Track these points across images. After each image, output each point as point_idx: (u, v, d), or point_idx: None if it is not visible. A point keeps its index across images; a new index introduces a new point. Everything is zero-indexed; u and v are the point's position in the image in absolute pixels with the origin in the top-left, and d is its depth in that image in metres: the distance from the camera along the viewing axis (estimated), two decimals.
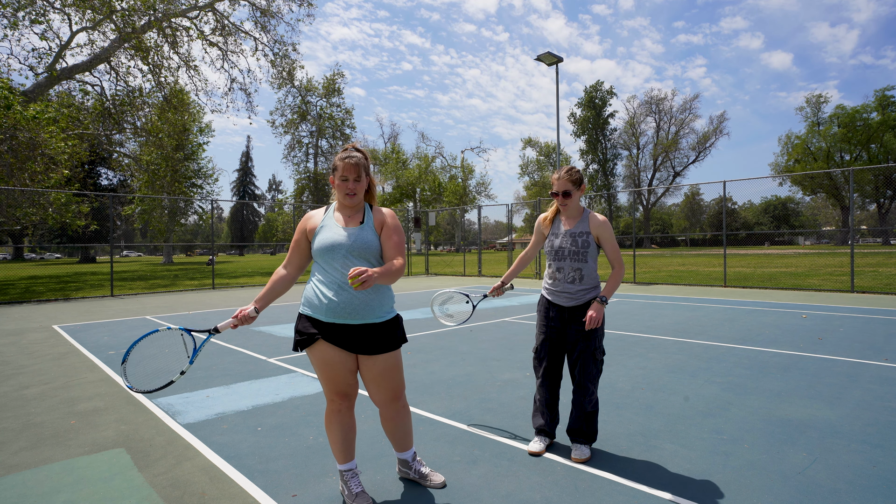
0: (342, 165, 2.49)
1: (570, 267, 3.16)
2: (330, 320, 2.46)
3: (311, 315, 2.51)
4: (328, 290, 2.45)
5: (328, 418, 2.61)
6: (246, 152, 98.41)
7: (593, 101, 70.89)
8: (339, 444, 2.60)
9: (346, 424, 2.60)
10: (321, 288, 2.48)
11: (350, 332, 2.47)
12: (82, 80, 21.93)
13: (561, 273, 3.19)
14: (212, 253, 20.24)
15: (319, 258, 2.51)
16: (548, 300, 3.28)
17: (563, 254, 3.18)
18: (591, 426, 3.18)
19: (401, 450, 2.81)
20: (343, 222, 2.54)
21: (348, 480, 2.60)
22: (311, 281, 2.57)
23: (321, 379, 2.55)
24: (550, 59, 18.48)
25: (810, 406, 4.03)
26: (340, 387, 2.54)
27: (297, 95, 49.60)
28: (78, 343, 7.21)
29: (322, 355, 2.49)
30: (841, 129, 54.97)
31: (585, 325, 3.03)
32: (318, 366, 2.52)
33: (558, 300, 3.21)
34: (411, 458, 2.82)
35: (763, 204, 76.27)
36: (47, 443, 3.51)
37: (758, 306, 10.26)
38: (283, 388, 4.76)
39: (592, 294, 3.17)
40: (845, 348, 6.10)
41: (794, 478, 2.81)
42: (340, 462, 2.64)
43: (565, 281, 3.17)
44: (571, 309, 3.17)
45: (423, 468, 2.83)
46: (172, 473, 2.99)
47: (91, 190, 39.85)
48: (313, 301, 2.49)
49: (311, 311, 2.51)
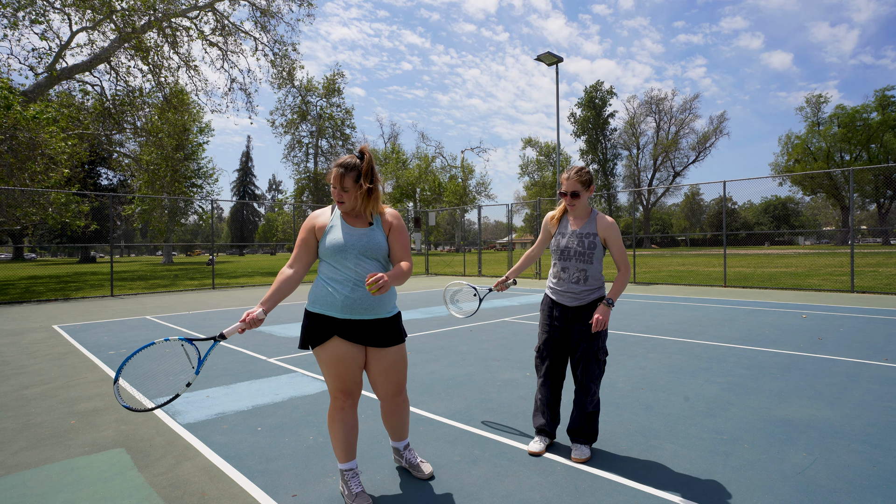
0: (329, 173, 2.53)
1: (575, 267, 3.16)
2: (345, 316, 2.50)
3: (322, 312, 2.52)
4: (342, 287, 2.49)
5: (332, 417, 2.61)
6: (246, 152, 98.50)
7: (593, 101, 70.91)
8: (341, 443, 2.61)
9: (349, 423, 2.62)
10: (334, 285, 2.50)
11: (363, 327, 2.54)
12: (82, 80, 21.94)
13: (566, 273, 3.19)
14: (212, 253, 20.24)
15: (330, 257, 2.53)
16: (552, 299, 3.27)
17: (568, 254, 3.18)
18: (591, 426, 3.18)
19: (397, 439, 2.95)
20: (351, 222, 2.58)
21: (349, 480, 2.61)
22: (320, 279, 2.57)
23: (330, 376, 2.55)
24: (550, 60, 18.49)
25: (810, 406, 4.03)
26: (347, 384, 2.57)
27: (297, 95, 49.63)
28: (78, 343, 7.21)
29: (334, 351, 2.51)
30: (841, 129, 54.96)
31: (592, 326, 3.04)
32: (329, 362, 2.53)
33: (562, 300, 3.20)
34: (404, 447, 2.96)
35: (763, 204, 76.25)
36: (47, 443, 3.51)
37: (758, 306, 10.26)
38: (283, 387, 4.76)
39: (597, 295, 3.16)
40: (845, 348, 6.10)
41: (794, 478, 2.81)
42: (342, 461, 2.64)
43: (570, 281, 3.17)
44: (575, 309, 3.16)
45: (413, 458, 2.94)
46: (172, 473, 2.99)
47: (91, 190, 39.85)
48: (326, 298, 2.51)
49: (324, 308, 2.52)
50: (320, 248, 2.57)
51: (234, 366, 5.68)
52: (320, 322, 2.52)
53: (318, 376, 5.12)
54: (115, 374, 2.55)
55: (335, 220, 2.58)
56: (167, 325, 8.76)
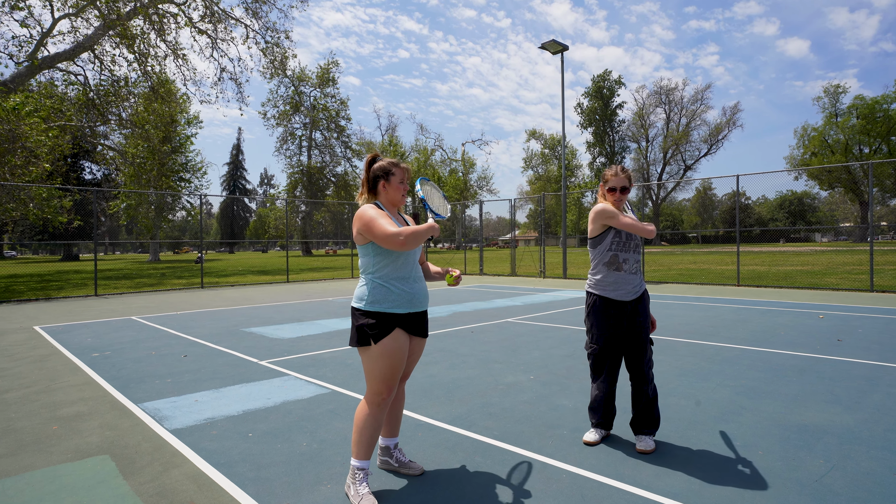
0: (401, 171, 2.87)
1: (633, 259, 3.49)
2: (406, 311, 2.78)
3: (383, 311, 2.73)
4: (404, 283, 2.79)
5: (371, 413, 2.75)
6: (237, 145, 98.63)
7: (601, 91, 70.87)
8: (371, 439, 2.75)
9: (383, 419, 2.80)
10: (397, 283, 2.77)
11: (416, 320, 2.86)
12: (65, 69, 21.90)
13: (627, 265, 3.47)
14: (200, 250, 20.24)
15: (396, 255, 2.77)
16: (607, 299, 3.47)
17: (630, 246, 3.50)
18: (655, 412, 3.43)
19: (391, 434, 3.07)
20: (399, 222, 2.87)
21: (361, 480, 2.72)
22: (374, 280, 2.77)
23: (387, 368, 2.72)
24: (555, 48, 18.46)
25: (828, 411, 4.03)
26: (398, 376, 2.79)
27: (289, 86, 49.59)
28: (60, 345, 7.22)
29: (396, 344, 2.74)
30: (860, 121, 54.94)
31: (651, 329, 3.48)
32: (390, 354, 2.72)
33: (623, 296, 3.44)
34: (394, 445, 3.09)
35: (778, 199, 76.28)
36: (28, 449, 3.51)
37: (772, 306, 10.26)
38: (275, 391, 4.76)
39: (644, 286, 3.55)
40: (864, 350, 6.10)
41: (811, 486, 2.81)
42: (362, 458, 2.75)
43: (630, 272, 3.47)
44: (632, 302, 3.46)
45: (403, 457, 3.07)
46: (159, 481, 2.98)
47: (74, 184, 39.83)
48: (388, 296, 2.75)
49: (386, 306, 2.74)
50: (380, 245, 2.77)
51: (224, 369, 5.68)
52: (382, 318, 2.73)
53: (311, 379, 5.13)
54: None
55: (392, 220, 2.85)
56: (154, 326, 8.77)
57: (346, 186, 51.51)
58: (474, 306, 10.92)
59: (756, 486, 2.81)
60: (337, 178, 52.95)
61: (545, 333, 7.57)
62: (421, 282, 2.88)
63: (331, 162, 53.31)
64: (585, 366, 5.49)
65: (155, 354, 6.48)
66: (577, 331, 7.73)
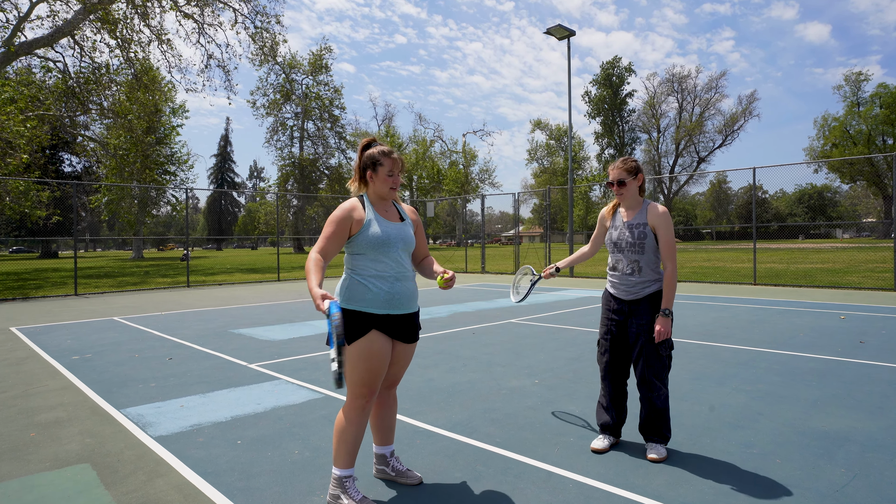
0: (391, 161, 2.81)
1: (627, 259, 3.43)
2: (384, 311, 2.72)
3: (360, 309, 2.69)
4: (383, 282, 2.72)
5: (349, 418, 2.72)
6: (225, 136, 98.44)
7: (610, 78, 70.77)
8: (352, 446, 2.74)
9: (364, 425, 2.78)
10: (374, 281, 2.71)
11: (398, 322, 2.78)
12: (43, 55, 21.86)
13: (619, 265, 3.47)
14: (186, 247, 20.25)
15: (371, 251, 2.73)
16: (610, 293, 3.57)
17: (620, 246, 3.46)
18: (661, 423, 3.37)
19: (385, 443, 3.05)
20: (385, 217, 2.83)
21: (350, 487, 2.73)
22: (353, 276, 2.75)
23: (363, 371, 2.68)
24: (562, 33, 18.43)
25: (849, 417, 4.03)
26: (377, 381, 2.74)
27: (280, 73, 49.46)
28: (38, 347, 7.22)
29: (371, 346, 2.69)
30: (883, 110, 54.86)
31: (655, 338, 3.32)
32: (366, 357, 2.68)
33: (619, 293, 3.48)
34: (390, 453, 3.07)
35: (797, 193, 76.23)
36: (4, 458, 3.51)
37: (791, 306, 10.26)
38: (265, 396, 4.76)
39: (654, 288, 3.40)
40: (889, 353, 6.10)
41: (832, 496, 2.81)
42: (344, 467, 2.75)
43: (624, 272, 3.44)
44: (631, 302, 3.43)
45: (400, 466, 3.06)
46: (143, 491, 2.98)
47: (52, 177, 39.80)
48: (365, 294, 2.70)
49: (362, 304, 2.70)
50: (358, 242, 2.74)
51: (212, 372, 5.68)
52: (355, 318, 2.68)
53: (303, 384, 5.13)
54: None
55: (370, 214, 2.79)
56: (137, 327, 8.77)
57: (340, 179, 51.40)
58: (476, 306, 10.92)
59: (774, 497, 2.81)
60: (331, 171, 52.91)
61: (551, 335, 7.57)
62: (407, 282, 2.81)
63: (324, 154, 53.23)
64: (593, 370, 5.50)
65: (138, 357, 6.48)
66: (584, 332, 7.73)
